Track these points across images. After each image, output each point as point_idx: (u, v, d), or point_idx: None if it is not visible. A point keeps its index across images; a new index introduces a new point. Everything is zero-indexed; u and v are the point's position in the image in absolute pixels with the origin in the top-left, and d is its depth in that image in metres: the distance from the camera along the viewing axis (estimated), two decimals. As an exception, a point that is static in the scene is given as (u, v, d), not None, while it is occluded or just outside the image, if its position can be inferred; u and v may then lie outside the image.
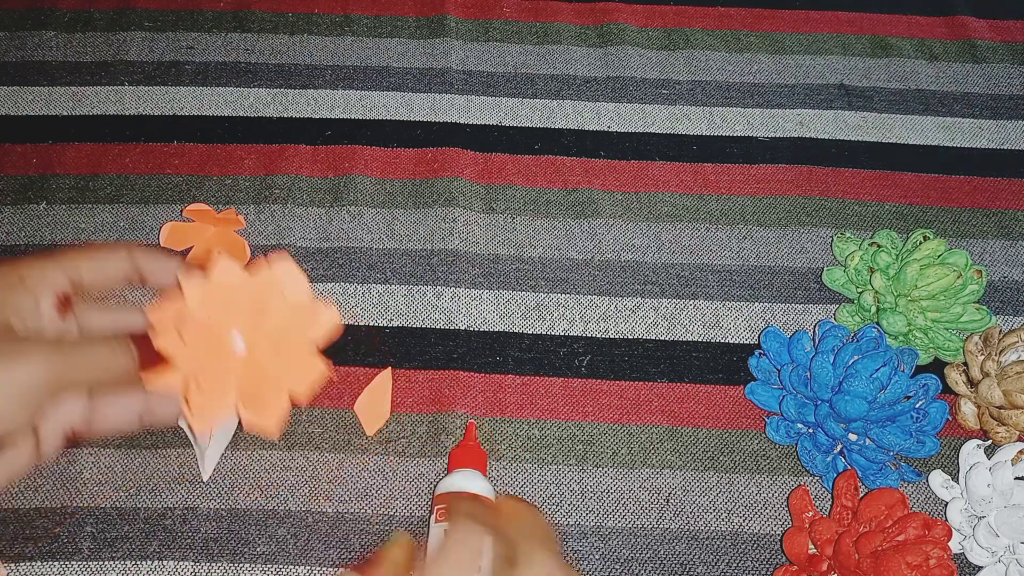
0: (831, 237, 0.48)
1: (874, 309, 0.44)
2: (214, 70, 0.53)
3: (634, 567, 0.38)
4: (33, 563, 0.36)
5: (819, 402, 0.41)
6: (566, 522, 0.39)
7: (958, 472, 0.41)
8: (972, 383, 0.42)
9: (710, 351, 0.44)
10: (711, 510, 0.40)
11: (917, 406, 0.40)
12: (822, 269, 0.47)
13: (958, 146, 0.53)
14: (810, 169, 0.51)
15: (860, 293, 0.45)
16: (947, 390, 0.43)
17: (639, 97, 0.54)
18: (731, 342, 0.45)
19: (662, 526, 0.39)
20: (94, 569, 0.36)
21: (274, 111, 0.52)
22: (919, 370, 0.43)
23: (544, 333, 0.44)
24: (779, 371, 0.42)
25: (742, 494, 0.40)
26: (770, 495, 0.40)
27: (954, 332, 0.44)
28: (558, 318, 0.45)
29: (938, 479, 0.40)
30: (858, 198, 0.50)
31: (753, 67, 0.56)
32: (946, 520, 0.39)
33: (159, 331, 0.32)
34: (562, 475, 0.40)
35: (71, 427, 0.33)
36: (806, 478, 0.41)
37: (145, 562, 0.37)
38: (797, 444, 0.41)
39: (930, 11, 0.60)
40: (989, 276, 0.47)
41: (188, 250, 0.44)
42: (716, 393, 0.43)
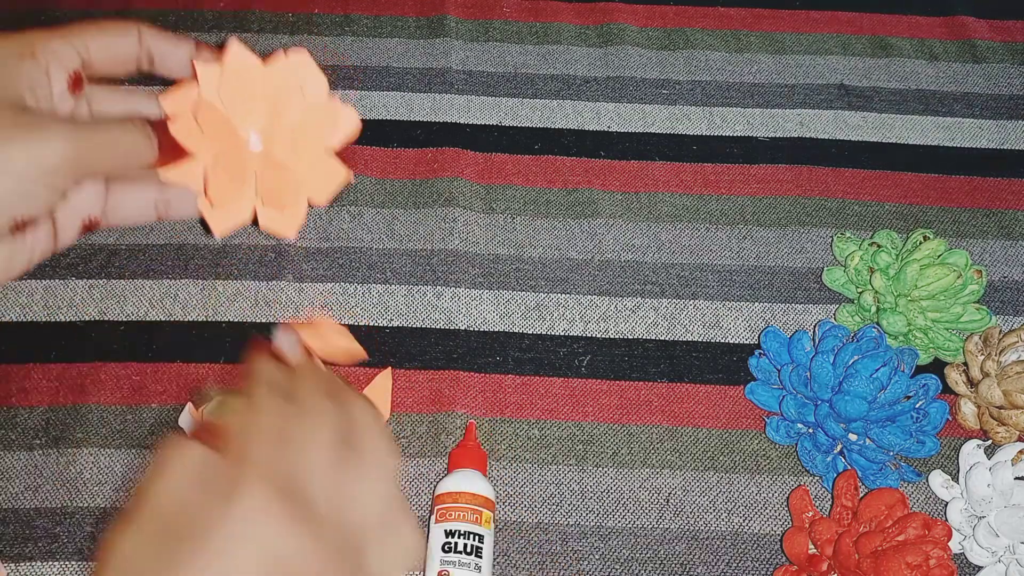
0: (831, 237, 0.48)
1: (874, 309, 0.44)
2: (214, 70, 0.53)
3: (634, 567, 0.38)
4: (33, 563, 0.36)
5: (819, 402, 0.41)
6: (566, 522, 0.39)
7: (958, 472, 0.41)
8: (972, 383, 0.42)
9: (710, 351, 0.44)
10: (711, 510, 0.40)
11: (917, 406, 0.40)
12: (822, 269, 0.47)
13: (958, 146, 0.53)
14: (810, 169, 0.51)
15: (860, 293, 0.45)
16: (947, 390, 0.43)
17: (639, 97, 0.54)
18: (731, 342, 0.45)
19: (662, 526, 0.39)
20: (94, 569, 0.36)
21: (274, 111, 0.51)
22: (919, 370, 0.43)
23: (544, 333, 0.44)
24: (779, 371, 0.42)
25: (742, 494, 0.40)
26: (770, 495, 0.40)
27: (954, 332, 0.44)
28: (558, 318, 0.45)
29: (938, 479, 0.40)
30: (858, 198, 0.50)
31: (753, 67, 0.56)
32: (946, 520, 0.39)
33: (175, 119, 0.31)
34: (562, 475, 0.40)
35: (88, 215, 0.32)
36: (806, 478, 0.41)
37: (145, 562, 0.37)
38: (797, 444, 0.41)
39: (930, 11, 0.59)
40: (989, 276, 0.47)
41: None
42: (716, 393, 0.43)
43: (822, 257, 0.48)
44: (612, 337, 0.44)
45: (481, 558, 0.36)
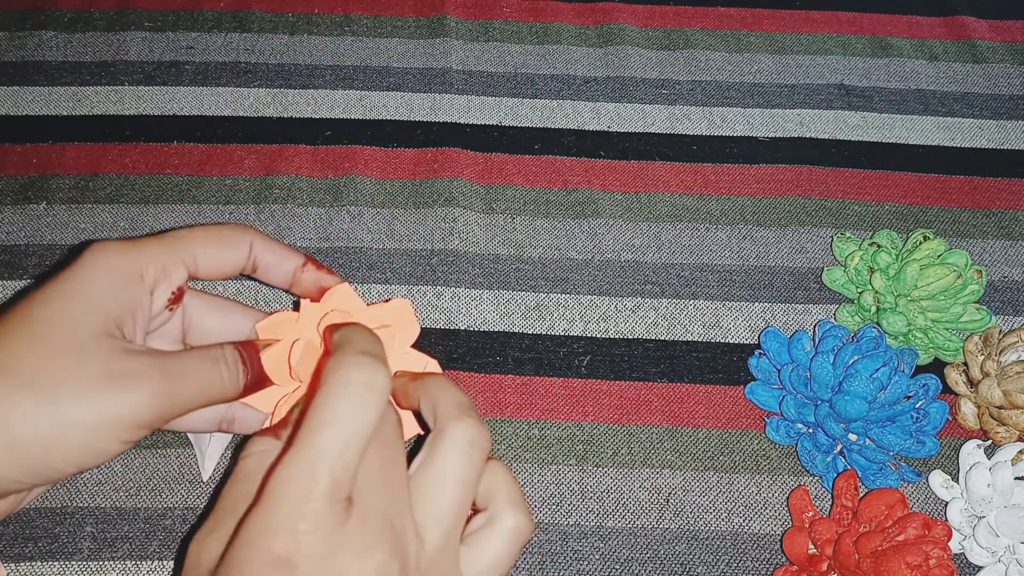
0: (831, 237, 0.48)
1: (874, 309, 0.44)
2: (214, 70, 0.53)
3: (634, 567, 0.38)
4: (33, 563, 0.36)
5: (819, 402, 0.41)
6: (566, 522, 0.39)
7: (958, 472, 0.41)
8: (972, 383, 0.42)
9: (710, 351, 0.44)
10: (711, 510, 0.40)
11: (917, 406, 0.40)
12: (822, 269, 0.47)
13: (958, 146, 0.53)
14: (810, 169, 0.51)
15: (860, 293, 0.45)
16: (947, 390, 0.43)
17: (639, 97, 0.54)
18: (731, 342, 0.45)
19: (662, 526, 0.39)
20: (94, 569, 0.36)
21: (274, 111, 0.52)
22: (919, 370, 0.43)
23: (544, 333, 0.44)
24: (779, 371, 0.42)
25: (742, 494, 0.40)
26: (770, 495, 0.40)
27: (954, 332, 0.44)
28: (558, 318, 0.45)
29: (938, 479, 0.40)
30: (858, 198, 0.50)
31: (753, 67, 0.56)
32: (946, 520, 0.39)
33: (270, 355, 0.31)
34: (562, 475, 0.40)
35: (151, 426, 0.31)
36: (806, 478, 0.41)
37: (145, 562, 0.37)
38: (797, 444, 0.41)
39: (930, 11, 0.60)
40: (989, 276, 0.47)
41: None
42: (716, 393, 0.43)
43: (822, 257, 0.48)
44: (612, 337, 0.44)
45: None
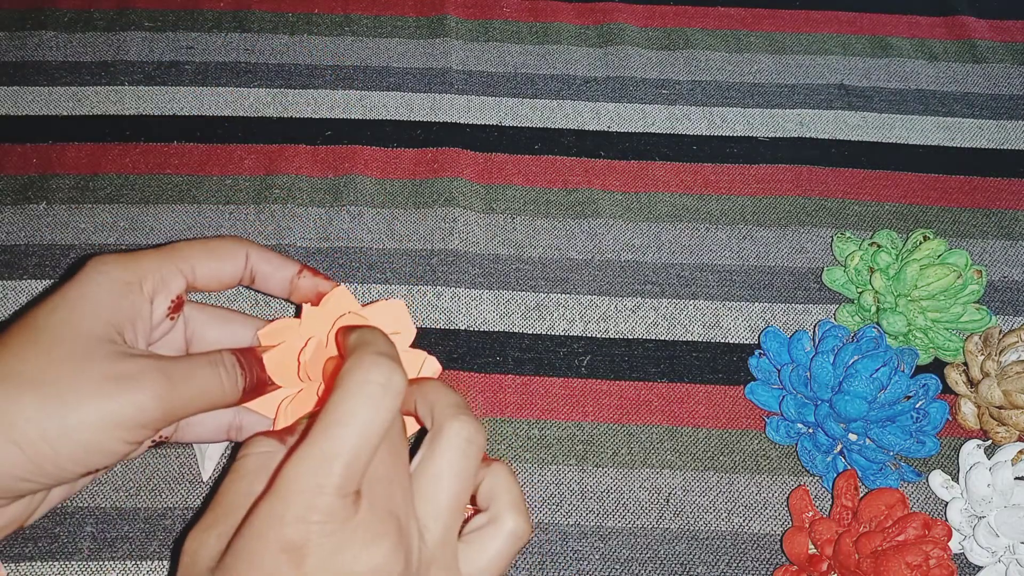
0: (831, 237, 0.48)
1: (874, 309, 0.44)
2: (214, 70, 0.53)
3: (634, 567, 0.38)
4: (33, 563, 0.36)
5: (819, 402, 0.41)
6: (566, 522, 0.39)
7: (958, 472, 0.41)
8: (972, 383, 0.42)
9: (710, 351, 0.44)
10: (711, 510, 0.40)
11: (917, 406, 0.40)
12: (822, 269, 0.47)
13: (958, 146, 0.53)
14: (810, 169, 0.51)
15: (860, 293, 0.45)
16: (947, 390, 0.43)
17: (639, 97, 0.54)
18: (731, 342, 0.45)
19: (662, 526, 0.39)
20: (94, 569, 0.36)
21: (274, 111, 0.52)
22: (919, 370, 0.43)
23: (544, 333, 0.44)
24: (779, 371, 0.42)
25: (742, 494, 0.40)
26: (770, 495, 0.40)
27: (954, 332, 0.44)
28: (558, 318, 0.45)
29: (938, 479, 0.40)
30: (858, 198, 0.50)
31: (753, 67, 0.56)
32: (946, 520, 0.39)
33: (272, 357, 0.32)
34: (562, 475, 0.40)
35: (160, 435, 0.32)
36: (806, 478, 0.41)
37: (145, 562, 0.37)
38: (797, 444, 0.41)
39: (930, 11, 0.60)
40: (989, 276, 0.47)
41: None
42: (716, 393, 0.43)
43: (822, 257, 0.48)
44: (612, 337, 0.44)
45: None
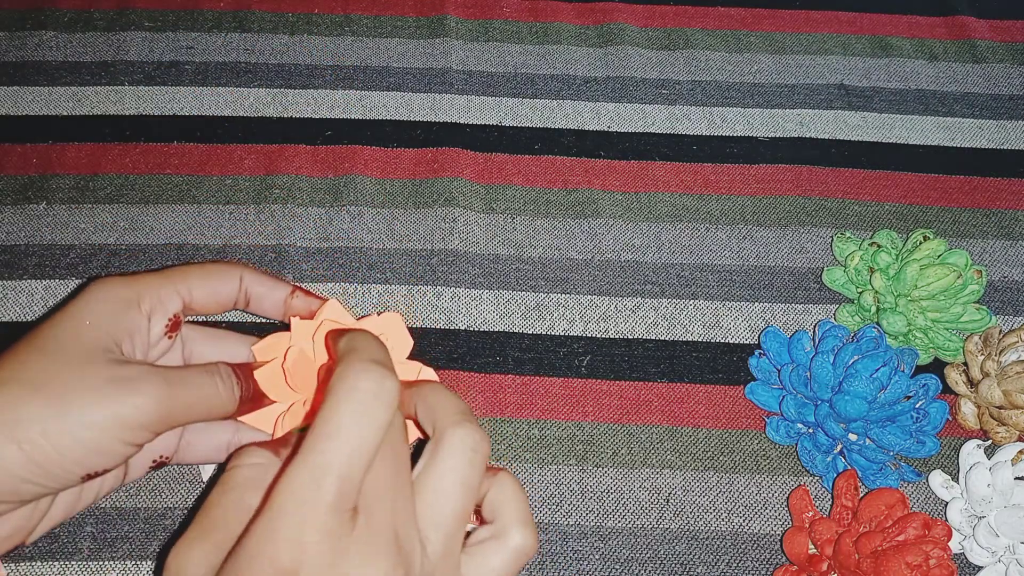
0: (831, 237, 0.48)
1: (874, 309, 0.44)
2: (214, 70, 0.53)
3: (634, 567, 0.38)
4: (33, 563, 0.36)
5: (819, 402, 0.41)
6: (566, 522, 0.39)
7: (958, 472, 0.41)
8: (972, 383, 0.42)
9: (710, 351, 0.44)
10: (711, 510, 0.40)
11: (917, 406, 0.40)
12: (822, 269, 0.47)
13: (958, 146, 0.53)
14: (810, 169, 0.51)
15: (860, 293, 0.45)
16: (947, 390, 0.43)
17: (639, 97, 0.54)
18: (731, 342, 0.45)
19: (662, 526, 0.39)
20: (94, 569, 0.36)
21: (274, 111, 0.52)
22: (919, 370, 0.43)
23: (544, 333, 0.44)
24: (779, 371, 0.42)
25: (742, 494, 0.40)
26: (770, 495, 0.40)
27: (954, 332, 0.44)
28: (558, 318, 0.45)
29: (938, 479, 0.40)
30: (858, 198, 0.50)
31: (753, 67, 0.56)
32: (946, 520, 0.39)
33: (264, 372, 0.32)
34: (562, 475, 0.40)
35: (161, 454, 0.33)
36: (806, 478, 0.41)
37: (145, 562, 0.37)
38: (797, 444, 0.41)
39: (930, 11, 0.60)
40: (989, 276, 0.47)
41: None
42: (716, 393, 0.43)
43: (822, 257, 0.48)
44: (612, 337, 0.44)
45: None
